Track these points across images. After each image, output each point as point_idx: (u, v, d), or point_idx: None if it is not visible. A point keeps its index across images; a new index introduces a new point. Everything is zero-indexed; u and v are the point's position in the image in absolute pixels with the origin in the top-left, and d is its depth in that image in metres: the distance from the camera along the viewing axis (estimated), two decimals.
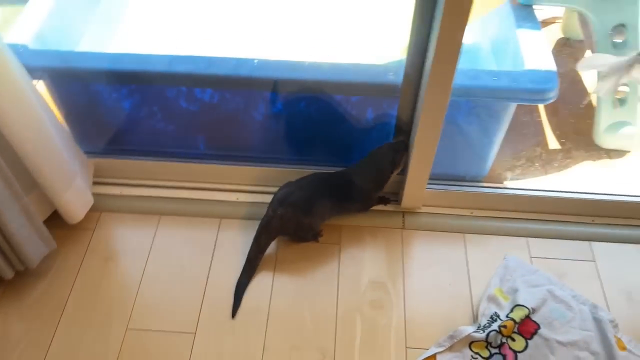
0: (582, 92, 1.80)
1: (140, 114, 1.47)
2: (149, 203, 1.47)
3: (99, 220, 1.44)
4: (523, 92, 1.27)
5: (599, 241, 1.39)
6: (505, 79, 1.27)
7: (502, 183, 1.54)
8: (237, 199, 1.47)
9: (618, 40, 1.46)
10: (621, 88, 1.53)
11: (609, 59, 1.00)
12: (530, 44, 1.36)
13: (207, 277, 1.33)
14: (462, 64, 1.30)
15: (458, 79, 1.26)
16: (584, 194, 1.44)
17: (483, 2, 1.46)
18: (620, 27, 1.44)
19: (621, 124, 1.59)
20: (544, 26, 2.01)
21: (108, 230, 1.42)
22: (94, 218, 1.43)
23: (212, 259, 1.36)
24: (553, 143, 1.67)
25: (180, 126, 1.47)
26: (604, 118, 1.60)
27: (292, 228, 1.35)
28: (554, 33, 1.98)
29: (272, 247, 1.36)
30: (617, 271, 1.34)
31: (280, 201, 1.33)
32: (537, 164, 1.61)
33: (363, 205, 1.44)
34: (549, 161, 1.62)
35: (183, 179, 1.51)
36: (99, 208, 1.44)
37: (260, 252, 1.35)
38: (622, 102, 1.56)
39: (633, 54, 0.99)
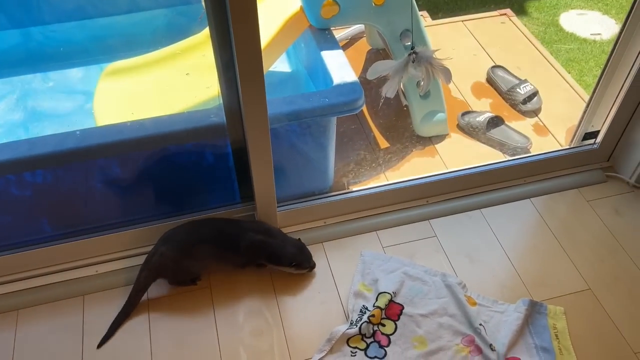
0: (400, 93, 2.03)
1: None
2: (0, 301, 1.40)
3: None
4: (335, 106, 1.41)
5: (436, 218, 1.58)
6: (317, 99, 1.41)
7: (347, 188, 1.68)
8: (97, 271, 1.45)
9: (407, 43, 1.68)
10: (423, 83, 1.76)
11: (389, 64, 1.17)
12: (334, 62, 1.53)
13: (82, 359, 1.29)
14: (288, 91, 1.42)
15: (278, 108, 1.37)
16: (415, 180, 1.62)
17: (286, 33, 1.60)
18: (406, 32, 1.66)
19: (432, 113, 1.82)
20: (355, 41, 2.24)
21: None
22: None
23: (82, 339, 1.32)
24: (383, 142, 1.86)
25: (17, 215, 1.42)
26: (417, 111, 1.81)
27: (171, 268, 1.37)
28: (365, 45, 2.21)
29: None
30: (456, 239, 1.53)
31: (164, 240, 1.37)
32: (373, 164, 1.78)
33: (245, 262, 1.44)
34: (383, 159, 1.79)
35: (34, 267, 1.45)
36: None
37: (140, 289, 1.37)
38: (426, 95, 1.78)
39: (405, 55, 1.17)
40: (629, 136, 1.61)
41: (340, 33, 2.18)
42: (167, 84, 1.80)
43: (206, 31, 1.79)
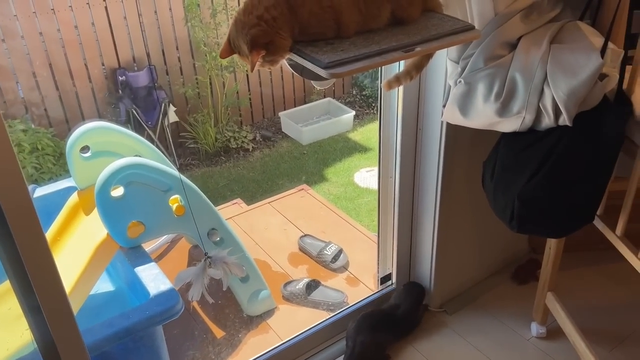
0: None
1: None
2: None
3: None
4: (155, 316, 1.50)
5: None
6: (136, 314, 1.49)
7: None
8: None
9: (216, 239, 1.87)
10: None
11: (190, 271, 1.32)
12: (148, 275, 1.64)
13: None
14: (114, 309, 1.46)
15: (99, 333, 1.42)
16: None
17: (97, 259, 1.69)
18: (212, 230, 1.87)
19: (256, 293, 1.99)
20: (177, 242, 2.39)
21: None
22: None
23: None
24: (218, 332, 1.94)
25: None
26: (242, 294, 1.96)
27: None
28: (186, 243, 2.37)
29: None
30: None
31: (357, 331, 1.73)
32: (212, 357, 1.83)
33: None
34: (220, 349, 1.86)
35: None
36: None
37: None
38: (246, 278, 1.96)
39: (202, 261, 1.34)
40: (416, 270, 1.93)
41: (153, 244, 2.32)
42: None
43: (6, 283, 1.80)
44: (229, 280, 1.36)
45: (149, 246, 2.30)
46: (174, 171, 1.76)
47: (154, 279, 1.61)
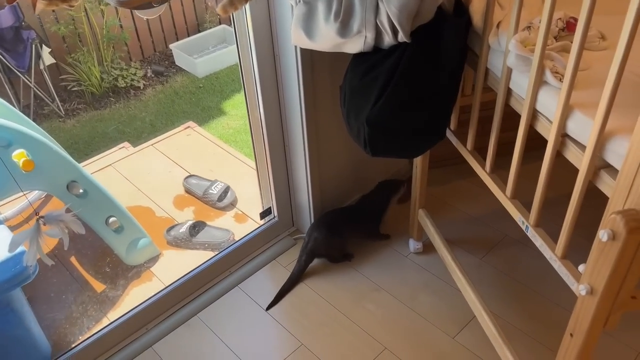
0: None
1: None
2: None
3: None
4: (3, 283, 1.40)
5: (158, 341, 1.63)
6: None
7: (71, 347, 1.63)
8: None
9: (78, 192, 1.75)
10: (112, 219, 1.84)
11: (23, 234, 1.22)
12: None
13: None
14: None
15: None
16: (130, 312, 1.65)
17: None
18: (72, 183, 1.73)
19: (135, 242, 1.90)
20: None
21: None
22: None
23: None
24: (98, 286, 1.86)
25: None
26: (119, 246, 1.88)
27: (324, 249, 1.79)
28: None
29: None
30: (179, 352, 1.60)
31: (314, 228, 1.80)
32: (93, 312, 1.77)
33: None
34: (102, 303, 1.80)
35: None
36: None
37: (302, 270, 1.78)
38: (119, 229, 1.86)
39: (35, 223, 1.24)
40: (296, 201, 1.90)
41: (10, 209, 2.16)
42: None
43: None
44: (68, 239, 1.26)
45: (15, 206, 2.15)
46: (13, 124, 1.59)
47: (2, 244, 1.48)
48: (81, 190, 1.76)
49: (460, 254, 1.81)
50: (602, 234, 0.89)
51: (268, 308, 1.71)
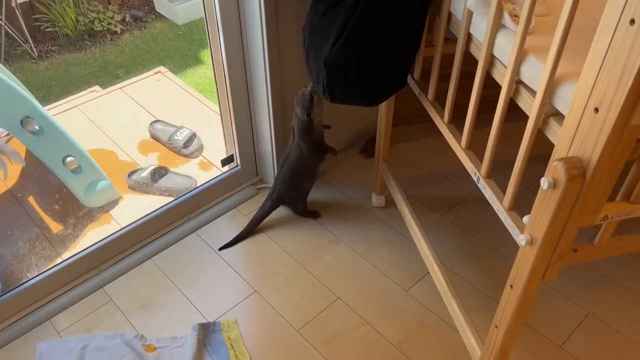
0: None
1: None
2: None
3: None
4: None
5: (110, 282, 1.61)
6: None
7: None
8: None
9: (33, 128, 1.69)
10: (70, 159, 1.80)
11: None
12: None
13: None
14: None
15: None
16: (84, 251, 1.63)
17: None
18: (26, 118, 1.68)
19: (94, 184, 1.86)
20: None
21: None
22: None
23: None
24: (55, 226, 1.83)
25: None
26: (76, 187, 1.84)
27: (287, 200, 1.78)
28: None
29: None
30: (131, 295, 1.58)
31: (278, 181, 1.73)
32: (47, 252, 1.74)
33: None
34: (57, 242, 1.77)
35: None
36: None
37: (265, 215, 1.76)
38: (77, 170, 1.82)
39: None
40: (259, 150, 1.86)
41: None
42: None
43: None
44: (7, 169, 1.22)
45: None
46: None
47: None
48: (36, 127, 1.70)
49: (422, 210, 1.80)
50: (543, 182, 0.86)
51: (221, 249, 1.70)
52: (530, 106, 0.94)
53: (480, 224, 1.75)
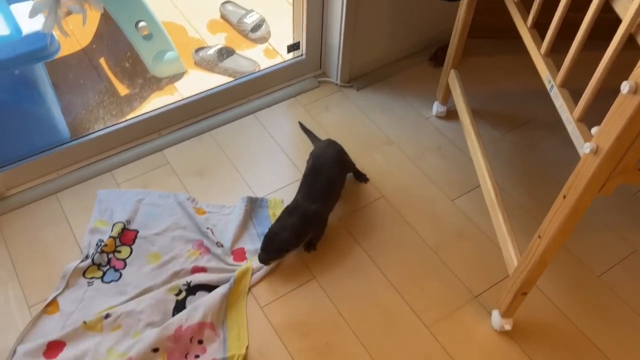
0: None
1: None
2: None
3: None
4: (24, 55, 1.43)
5: (168, 147, 1.68)
6: (7, 51, 1.41)
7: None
8: None
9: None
10: (142, 24, 1.83)
11: (45, 3, 1.21)
12: (24, 15, 1.52)
13: None
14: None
15: None
16: (147, 114, 1.69)
17: None
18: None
19: (162, 53, 1.90)
20: None
21: None
22: None
23: None
24: (122, 89, 1.91)
25: None
26: (146, 54, 1.88)
27: None
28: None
29: None
30: (187, 162, 1.65)
31: None
32: (114, 112, 1.82)
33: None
34: (123, 105, 1.85)
35: None
36: None
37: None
38: (149, 36, 1.85)
39: None
40: (327, 42, 1.83)
41: None
42: None
43: None
44: (86, 15, 1.26)
45: None
46: None
47: (29, 21, 1.49)
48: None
49: (483, 126, 1.75)
50: (624, 86, 0.82)
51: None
52: (627, 8, 0.87)
53: (539, 149, 1.70)
